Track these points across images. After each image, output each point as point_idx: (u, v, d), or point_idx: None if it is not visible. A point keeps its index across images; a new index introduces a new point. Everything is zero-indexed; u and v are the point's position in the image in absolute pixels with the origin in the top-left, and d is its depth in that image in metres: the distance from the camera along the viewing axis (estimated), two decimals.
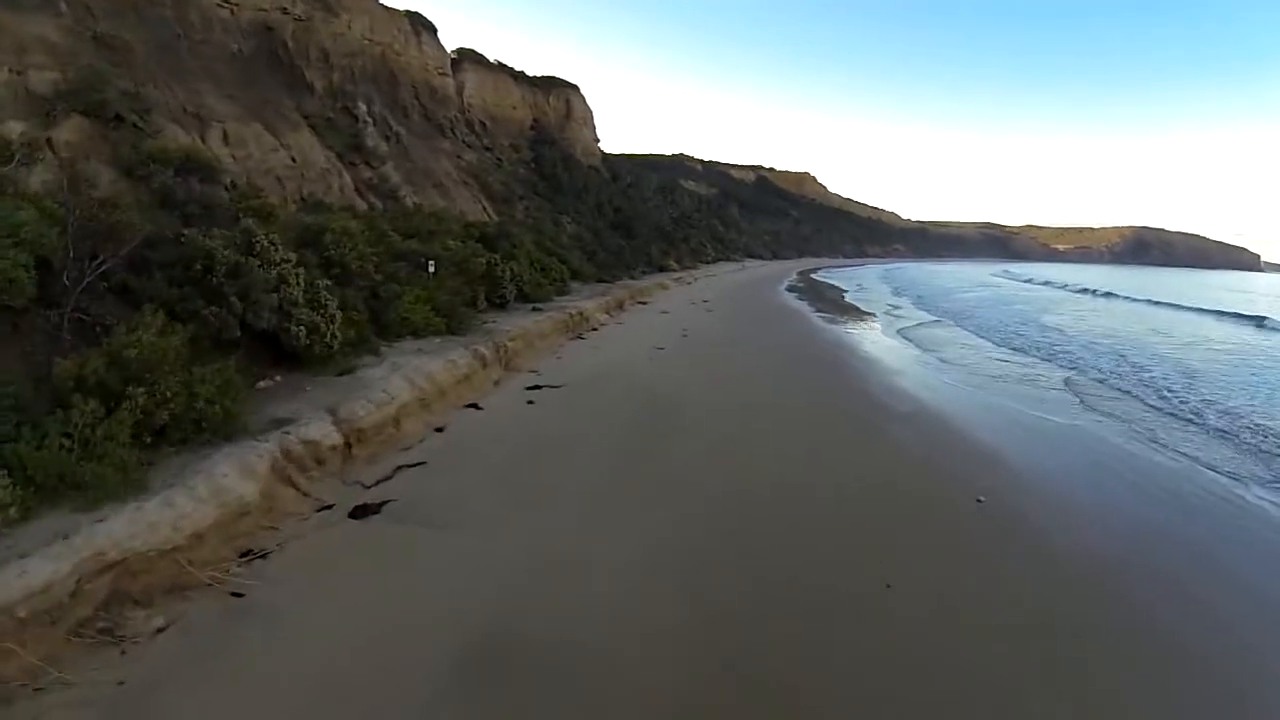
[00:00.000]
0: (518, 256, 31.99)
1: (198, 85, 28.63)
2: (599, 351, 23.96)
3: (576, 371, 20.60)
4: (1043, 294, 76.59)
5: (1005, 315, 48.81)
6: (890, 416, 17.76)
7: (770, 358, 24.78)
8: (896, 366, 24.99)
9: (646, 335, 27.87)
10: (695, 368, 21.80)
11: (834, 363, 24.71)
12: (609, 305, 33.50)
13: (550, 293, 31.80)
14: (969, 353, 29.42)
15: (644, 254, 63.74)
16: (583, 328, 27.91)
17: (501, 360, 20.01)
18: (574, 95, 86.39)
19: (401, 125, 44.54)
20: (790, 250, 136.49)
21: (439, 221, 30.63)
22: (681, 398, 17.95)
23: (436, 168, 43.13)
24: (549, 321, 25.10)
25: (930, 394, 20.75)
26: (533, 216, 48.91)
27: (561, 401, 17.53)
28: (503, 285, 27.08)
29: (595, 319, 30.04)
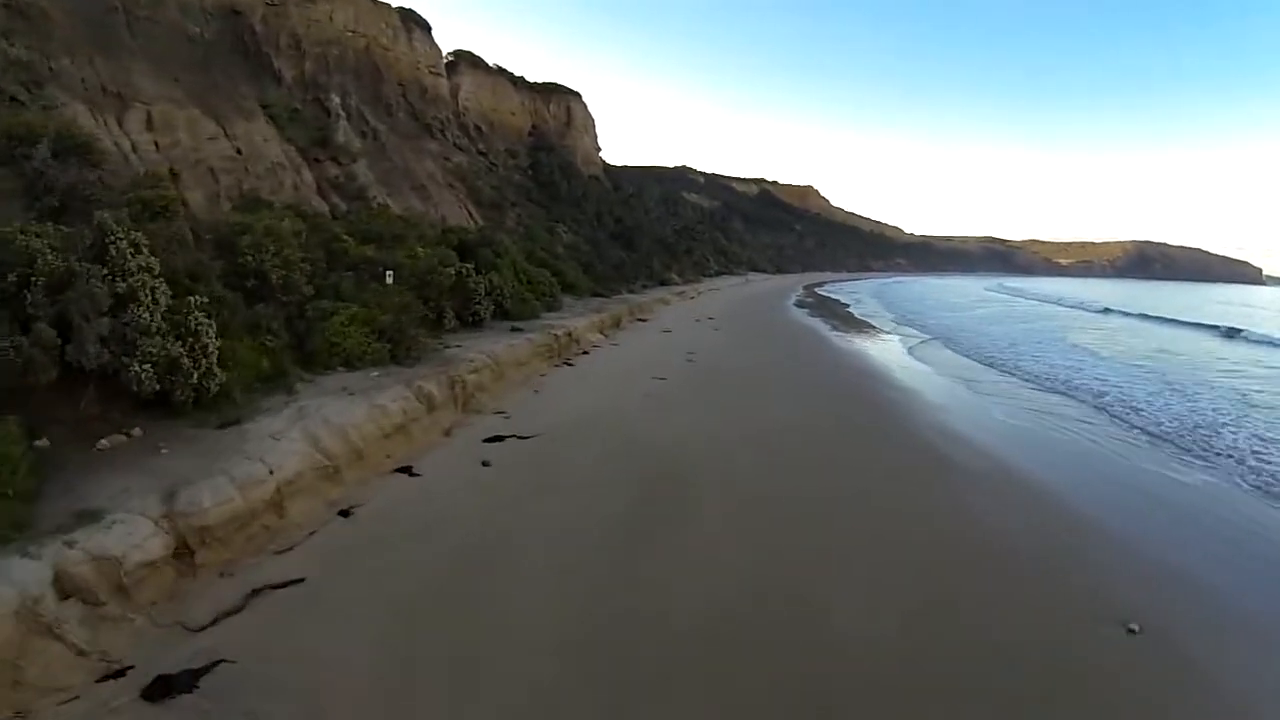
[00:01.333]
0: (500, 267, 27.26)
1: (129, 64, 24.07)
2: (586, 384, 19.14)
3: (555, 414, 15.78)
4: (1053, 311, 71.52)
5: (1022, 334, 43.97)
6: (965, 480, 12.91)
7: (794, 394, 19.96)
8: (938, 400, 20.19)
9: (645, 361, 23.06)
10: (706, 410, 16.94)
11: (870, 398, 19.88)
12: (604, 323, 28.71)
13: (537, 309, 27.03)
14: (1004, 381, 24.56)
15: (645, 267, 59.05)
16: (571, 351, 23.11)
17: (458, 399, 15.22)
18: (575, 102, 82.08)
19: (382, 122, 39.96)
20: (794, 264, 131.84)
21: (408, 226, 25.92)
22: (691, 462, 13.03)
23: (419, 169, 38.49)
24: (528, 345, 20.29)
25: (992, 438, 15.96)
26: (525, 224, 44.22)
27: (528, 464, 12.68)
28: (476, 300, 22.31)
29: (587, 340, 25.25)
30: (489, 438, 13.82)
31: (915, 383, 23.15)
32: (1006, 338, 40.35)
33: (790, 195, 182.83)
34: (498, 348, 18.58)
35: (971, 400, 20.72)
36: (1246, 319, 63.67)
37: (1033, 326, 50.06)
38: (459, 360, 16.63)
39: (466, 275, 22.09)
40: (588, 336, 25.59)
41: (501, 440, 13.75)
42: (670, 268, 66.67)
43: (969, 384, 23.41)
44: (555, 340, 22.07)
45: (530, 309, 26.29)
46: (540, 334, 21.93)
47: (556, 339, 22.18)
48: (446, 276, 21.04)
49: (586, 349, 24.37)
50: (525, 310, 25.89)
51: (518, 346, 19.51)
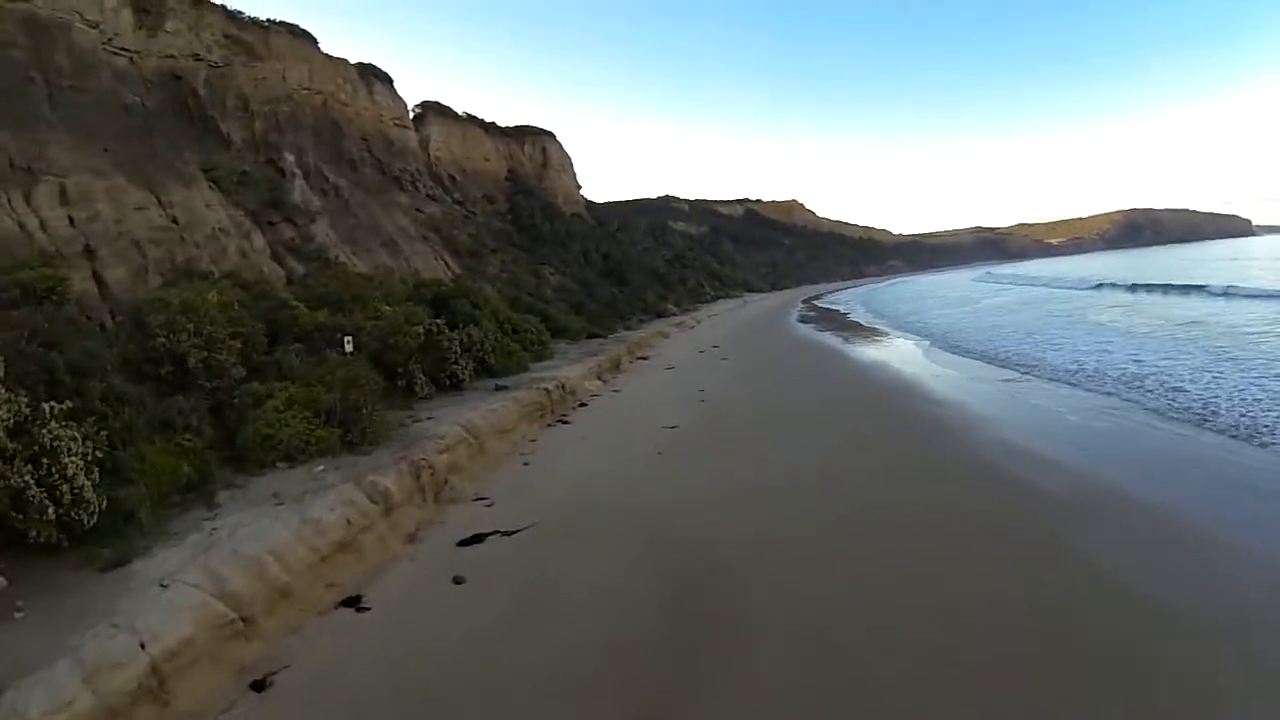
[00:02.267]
0: (480, 319, 24.29)
1: (46, 136, 21.31)
2: (586, 445, 16.00)
3: (549, 492, 12.63)
4: (1044, 295, 68.17)
5: (1035, 321, 40.89)
6: (1069, 518, 9.76)
7: (825, 422, 16.85)
8: (982, 411, 17.12)
9: (652, 406, 19.97)
10: (728, 460, 13.79)
11: (910, 419, 16.75)
12: (601, 368, 25.62)
13: (525, 360, 23.99)
14: (1048, 384, 21.40)
15: (639, 300, 56.19)
16: (566, 406, 20.00)
17: (426, 488, 12.10)
18: (550, 143, 79.97)
19: (345, 178, 37.29)
20: (787, 279, 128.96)
21: (371, 284, 22.96)
22: (725, 543, 9.85)
23: (388, 223, 35.72)
24: (514, 407, 17.16)
25: (1074, 454, 12.82)
26: (508, 270, 41.37)
27: (514, 575, 9.49)
28: (452, 359, 19.27)
29: (583, 390, 22.16)
30: (465, 539, 10.64)
31: (948, 390, 20.06)
32: (1018, 328, 37.30)
33: (775, 211, 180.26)
34: (475, 415, 15.46)
35: (1016, 405, 17.63)
36: (1240, 275, 60.48)
37: (1024, 316, 47.03)
38: (426, 438, 13.53)
39: (438, 333, 19.08)
40: (584, 386, 22.50)
41: (481, 540, 10.58)
42: (665, 298, 63.81)
43: (1002, 385, 20.32)
44: (546, 396, 18.95)
45: (517, 361, 23.24)
46: (528, 390, 18.83)
47: (548, 394, 19.07)
48: (413, 336, 18.03)
49: (584, 400, 21.25)
50: (511, 363, 22.84)
51: (500, 410, 16.38)
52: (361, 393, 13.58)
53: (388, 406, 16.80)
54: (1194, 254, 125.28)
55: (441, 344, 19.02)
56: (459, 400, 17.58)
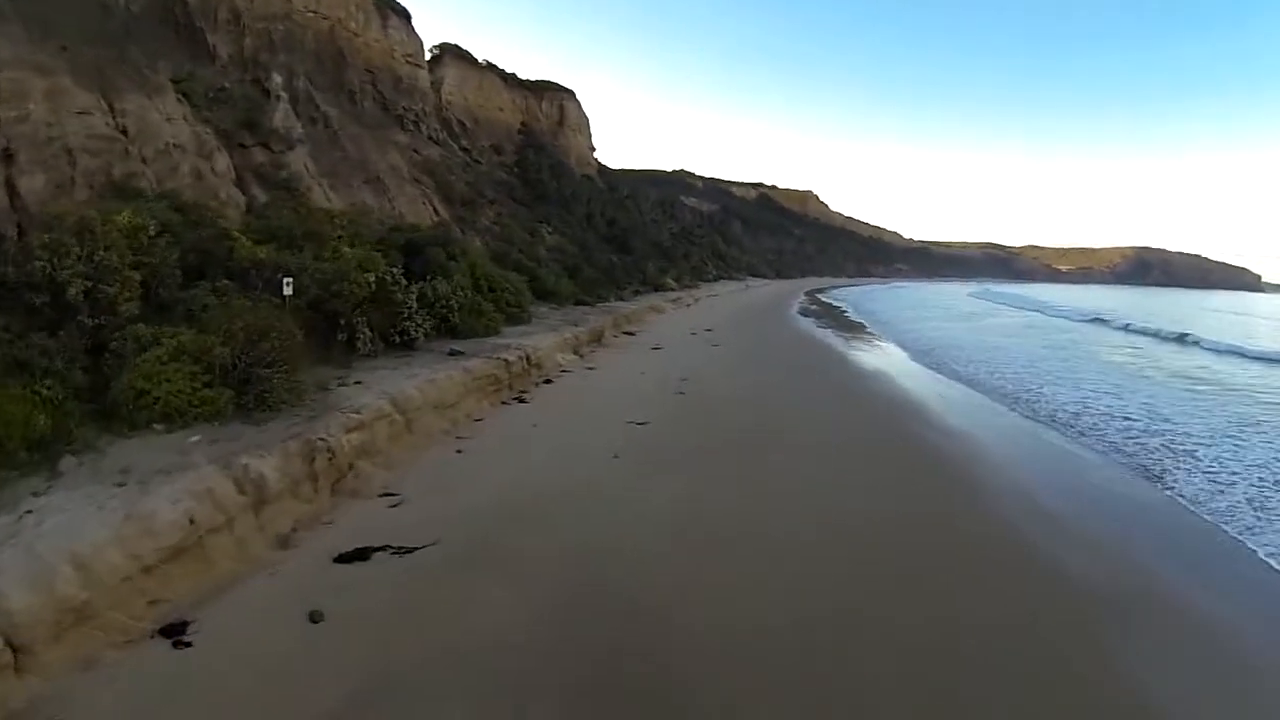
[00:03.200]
0: (453, 273, 21.93)
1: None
2: (535, 435, 13.67)
3: (472, 494, 10.35)
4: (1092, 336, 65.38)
5: (1042, 349, 38.52)
6: (1118, 628, 7.58)
7: (820, 445, 14.57)
8: (1001, 453, 14.89)
9: (625, 393, 17.68)
10: (697, 487, 11.35)
11: (919, 453, 14.48)
12: (579, 340, 23.28)
13: (496, 322, 21.66)
14: (1056, 424, 19.15)
15: (638, 272, 53.73)
16: (528, 381, 17.70)
17: (321, 477, 9.83)
18: (569, 101, 77.03)
19: (338, 109, 34.62)
20: (793, 269, 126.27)
21: (331, 220, 20.52)
22: (675, 632, 7.44)
23: (379, 161, 33.11)
24: (461, 378, 14.82)
25: (1101, 526, 10.60)
26: (502, 223, 38.84)
27: (388, 617, 7.16)
28: (404, 315, 16.97)
29: (553, 363, 19.85)
30: (347, 552, 8.41)
31: (954, 417, 17.81)
32: (1027, 357, 34.94)
33: (789, 200, 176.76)
34: (411, 384, 13.13)
35: (1032, 451, 15.37)
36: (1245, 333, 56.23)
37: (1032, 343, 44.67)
38: (340, 409, 11.24)
39: (392, 283, 16.74)
40: (555, 359, 20.18)
41: (366, 557, 8.31)
42: (666, 272, 61.36)
43: (1011, 419, 18.08)
44: (504, 368, 16.62)
45: (486, 323, 20.92)
46: (486, 359, 16.50)
47: (507, 366, 16.73)
48: (361, 285, 15.68)
49: (551, 375, 18.95)
50: (479, 325, 20.52)
51: (444, 380, 14.04)
52: (272, 347, 11.25)
53: (322, 363, 14.62)
54: (1205, 302, 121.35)
55: (394, 296, 16.70)
56: (404, 363, 15.26)
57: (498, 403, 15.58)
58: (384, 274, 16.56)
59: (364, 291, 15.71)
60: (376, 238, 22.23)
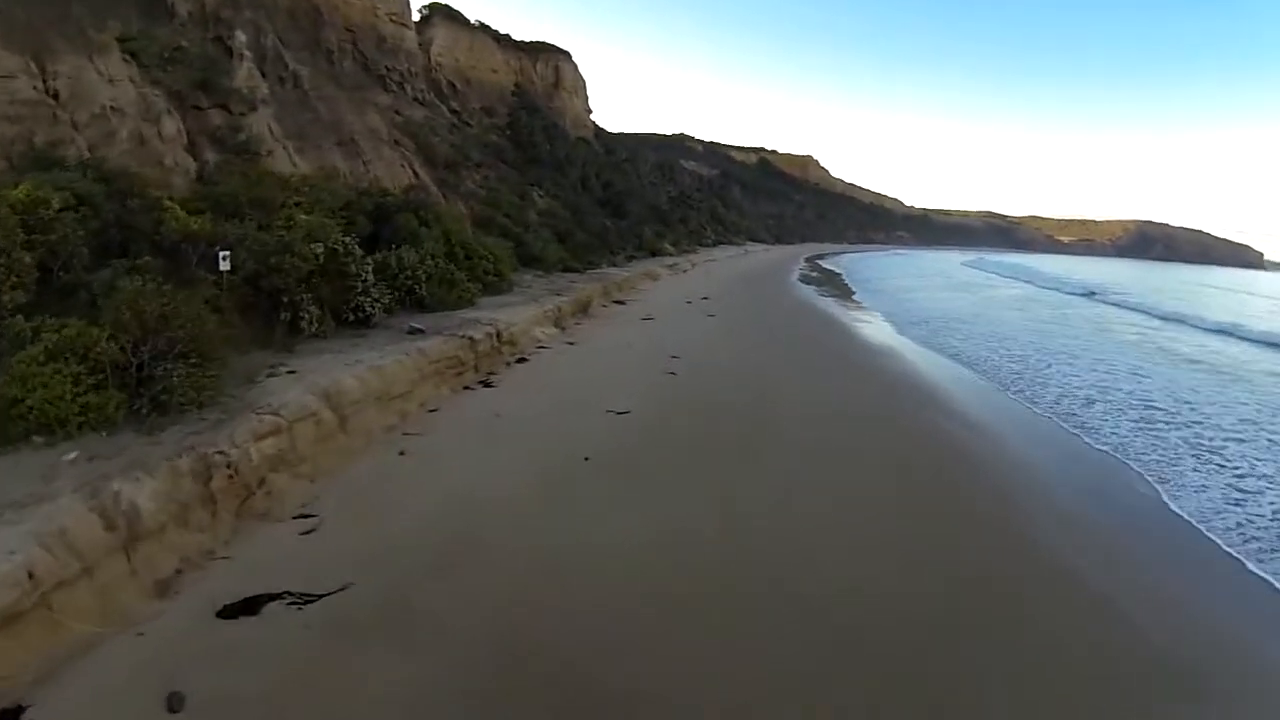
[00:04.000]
0: (426, 239, 19.81)
1: None
2: (495, 429, 11.66)
3: (404, 516, 8.39)
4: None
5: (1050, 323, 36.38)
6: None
7: (828, 439, 12.66)
8: (1035, 457, 13.03)
9: (606, 374, 15.69)
10: (685, 506, 9.33)
11: (941, 450, 12.62)
12: (561, 312, 21.18)
13: (470, 294, 19.59)
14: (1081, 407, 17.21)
15: (634, 236, 51.44)
16: (498, 361, 15.68)
17: (222, 499, 7.87)
18: (564, 62, 73.96)
19: (315, 68, 32.16)
20: (793, 235, 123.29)
21: (285, 185, 18.37)
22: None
23: (356, 123, 30.69)
24: (417, 361, 12.78)
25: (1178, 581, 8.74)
26: (489, 187, 36.50)
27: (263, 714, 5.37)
28: (359, 289, 14.91)
29: (529, 339, 17.81)
30: (234, 604, 6.47)
31: (973, 406, 15.93)
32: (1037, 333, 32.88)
33: (790, 165, 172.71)
34: (350, 374, 11.09)
35: (1066, 452, 13.42)
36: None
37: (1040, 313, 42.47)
38: (254, 412, 9.24)
39: (344, 253, 14.65)
40: (532, 333, 18.12)
41: (255, 610, 6.39)
42: (663, 237, 59.04)
43: (1029, 410, 16.18)
44: (469, 348, 14.56)
45: (459, 294, 18.85)
46: (448, 337, 14.46)
47: (472, 345, 14.65)
48: (305, 257, 13.60)
49: (526, 353, 16.92)
50: (451, 297, 18.47)
51: (391, 366, 11.98)
52: (177, 336, 9.22)
53: (262, 347, 12.65)
54: (1221, 278, 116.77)
55: (347, 268, 14.63)
56: (354, 345, 13.24)
57: (459, 388, 13.57)
58: (334, 244, 14.45)
59: (309, 264, 13.63)
60: (342, 203, 20.09)
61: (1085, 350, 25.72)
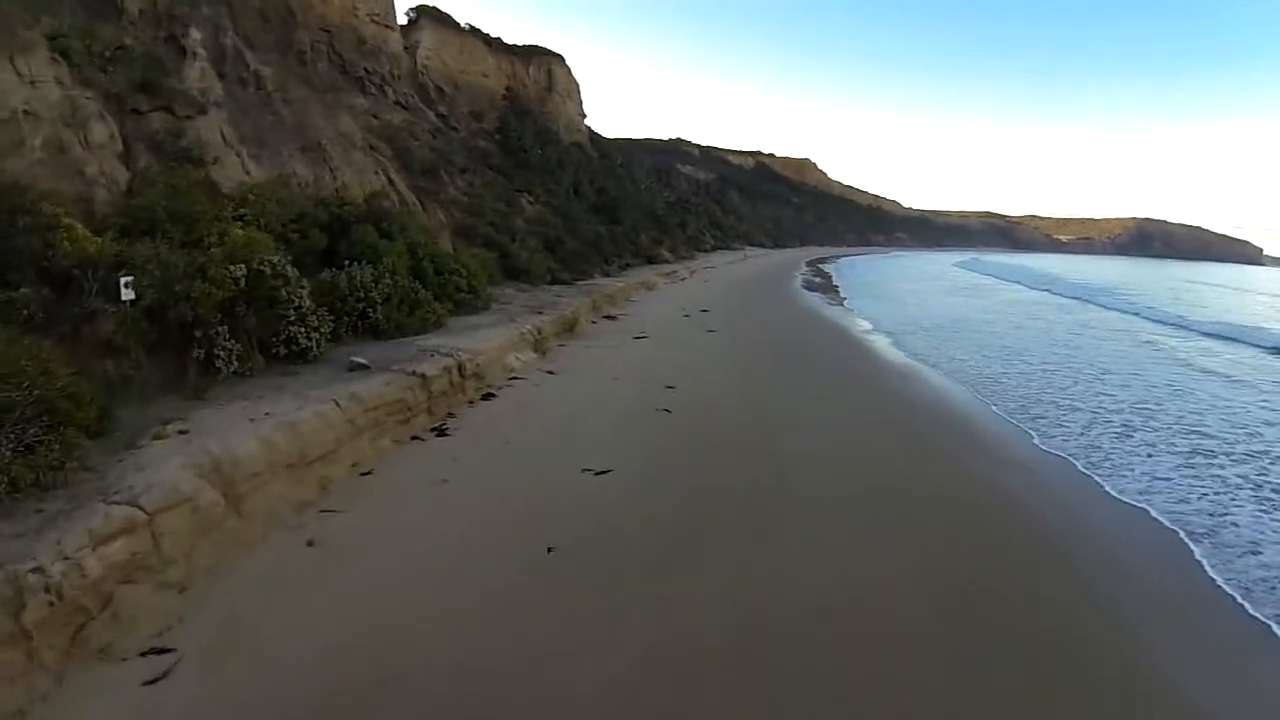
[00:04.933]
0: (390, 252, 17.39)
1: None
2: (438, 502, 9.18)
3: (292, 647, 6.01)
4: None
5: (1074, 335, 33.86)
6: None
7: (869, 507, 10.23)
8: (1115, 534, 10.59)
9: (585, 413, 13.24)
10: (680, 622, 6.97)
11: (1036, 540, 10.21)
12: (543, 334, 18.74)
13: (437, 314, 17.18)
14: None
15: (630, 243, 49.14)
16: (456, 400, 13.21)
17: (40, 636, 5.44)
18: (557, 66, 71.53)
19: (286, 69, 29.77)
20: (792, 238, 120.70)
21: (217, 196, 16.01)
22: None
23: (327, 127, 28.28)
24: (346, 412, 10.25)
25: None
26: (473, 194, 34.07)
27: None
28: (290, 319, 12.47)
29: (500, 370, 15.35)
30: None
31: (1020, 448, 13.50)
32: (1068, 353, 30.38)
33: (787, 168, 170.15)
34: (253, 436, 8.61)
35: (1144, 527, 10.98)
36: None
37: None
38: (105, 501, 6.80)
39: (272, 275, 12.22)
40: (505, 361, 15.69)
41: None
42: (660, 243, 56.73)
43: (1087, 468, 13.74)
44: (421, 386, 12.06)
45: (423, 317, 16.44)
46: (398, 375, 12.01)
47: (424, 383, 12.17)
48: (220, 282, 11.18)
49: (495, 386, 14.48)
50: (414, 320, 16.06)
51: (310, 422, 9.45)
52: (18, 399, 6.80)
53: (170, 391, 10.27)
54: (1224, 276, 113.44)
55: (277, 293, 12.21)
56: (278, 387, 10.80)
57: (405, 438, 11.14)
58: (260, 264, 12.03)
59: (226, 291, 11.22)
60: (294, 215, 17.71)
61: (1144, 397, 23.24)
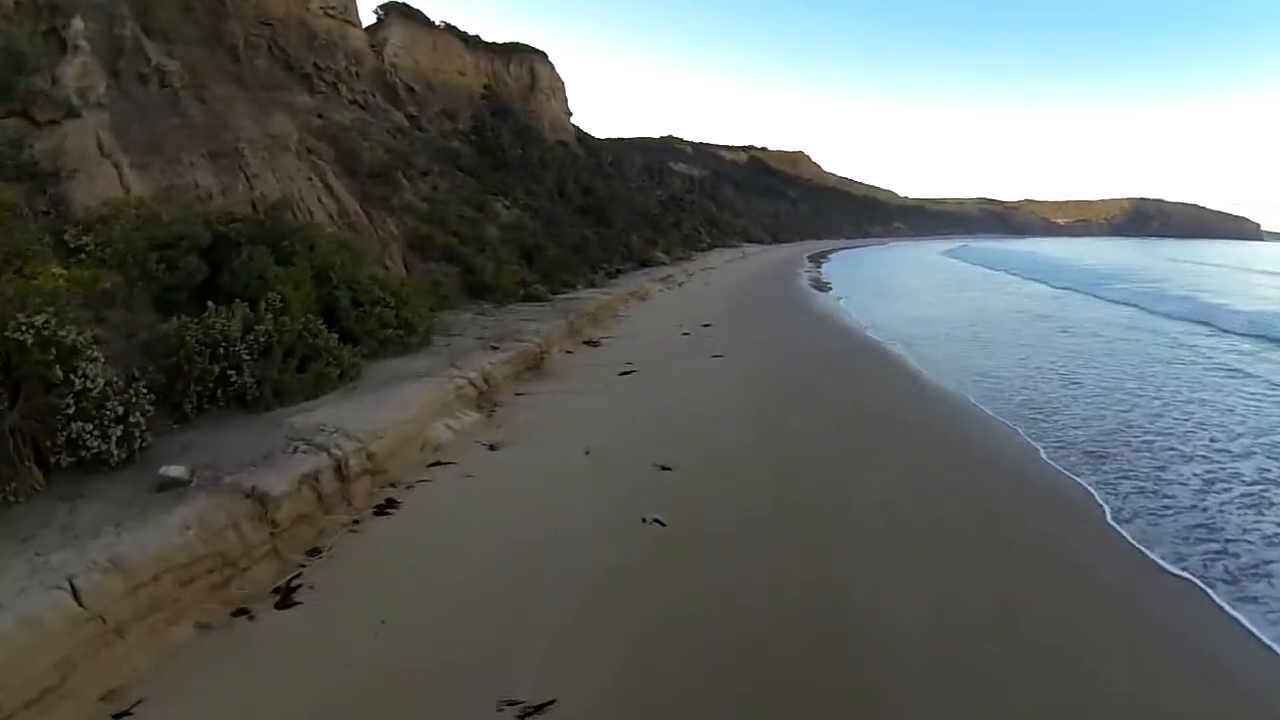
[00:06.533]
0: (281, 284, 12.69)
1: None
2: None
3: None
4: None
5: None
6: None
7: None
8: None
9: (522, 551, 8.41)
10: None
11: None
12: (490, 384, 13.88)
13: (344, 365, 12.45)
14: None
15: (621, 246, 44.37)
16: (331, 523, 8.49)
17: None
18: (540, 63, 66.84)
19: (210, 64, 25.09)
20: (789, 232, 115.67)
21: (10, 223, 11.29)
22: None
23: (249, 128, 23.49)
24: (90, 608, 5.66)
25: None
26: (436, 199, 29.25)
27: None
28: (73, 410, 7.76)
29: (414, 453, 10.59)
30: None
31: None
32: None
33: (781, 161, 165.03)
34: None
35: None
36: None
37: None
38: None
39: (40, 346, 7.52)
40: (429, 435, 10.94)
41: None
42: (654, 244, 51.97)
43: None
44: (262, 516, 7.40)
45: (321, 374, 11.71)
46: (229, 495, 7.36)
47: (264, 512, 7.48)
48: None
49: (404, 484, 9.70)
50: (304, 380, 11.34)
51: (13, 637, 4.89)
52: None
53: None
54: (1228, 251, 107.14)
55: (50, 373, 7.53)
56: (36, 533, 6.16)
57: (223, 614, 6.42)
58: (18, 332, 7.35)
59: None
60: (171, 238, 13.03)
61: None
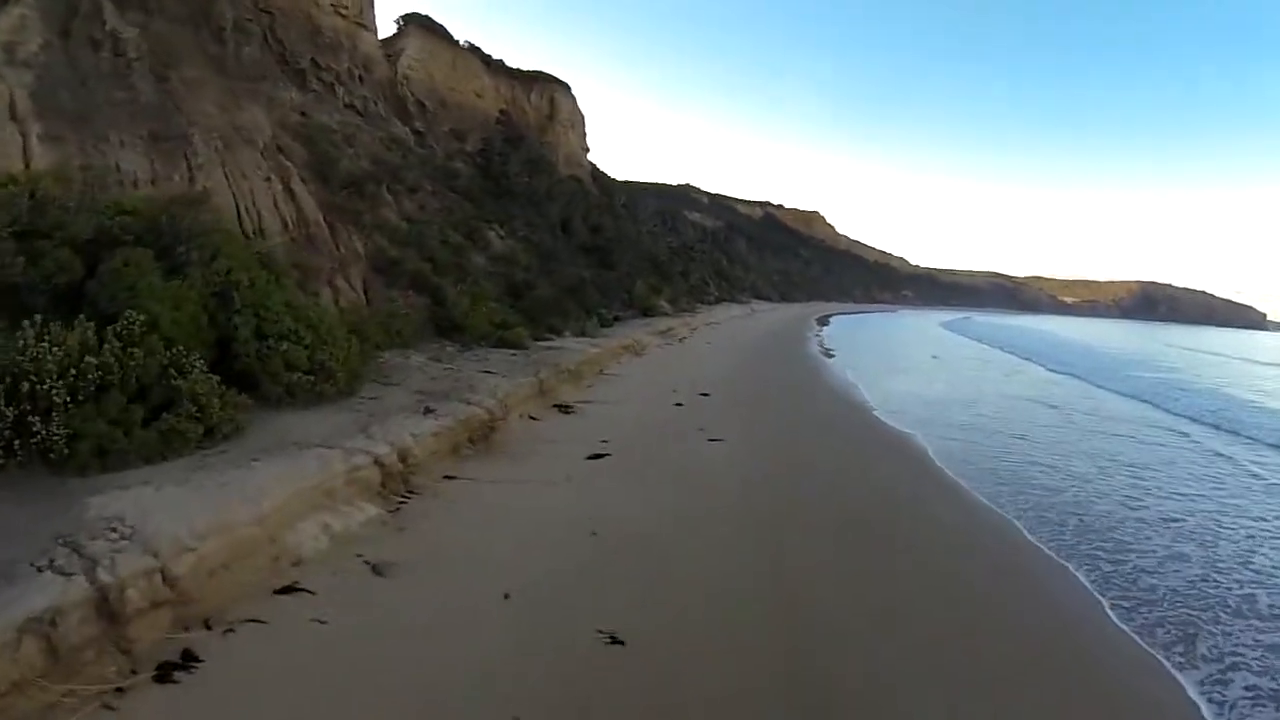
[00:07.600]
0: (159, 300, 9.53)
1: None
2: None
3: None
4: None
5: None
6: None
7: None
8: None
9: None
10: None
11: None
12: (408, 463, 10.54)
13: (215, 422, 9.19)
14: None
15: (622, 291, 41.35)
16: (90, 688, 5.23)
17: None
18: (561, 94, 65.10)
19: (192, 44, 22.38)
20: (799, 292, 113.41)
21: None
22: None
23: (211, 115, 20.54)
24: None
25: None
26: (419, 219, 26.22)
27: None
28: None
29: (262, 572, 7.12)
30: None
31: None
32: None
33: (796, 220, 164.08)
34: None
35: None
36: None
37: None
38: None
39: None
40: (291, 545, 7.56)
41: None
42: (659, 292, 48.95)
43: None
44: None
45: (177, 430, 8.42)
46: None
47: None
48: None
49: (230, 622, 6.35)
50: (145, 439, 8.07)
51: None
52: None
53: None
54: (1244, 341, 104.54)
55: None
56: None
57: None
58: None
59: None
60: (35, 225, 9.86)
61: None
